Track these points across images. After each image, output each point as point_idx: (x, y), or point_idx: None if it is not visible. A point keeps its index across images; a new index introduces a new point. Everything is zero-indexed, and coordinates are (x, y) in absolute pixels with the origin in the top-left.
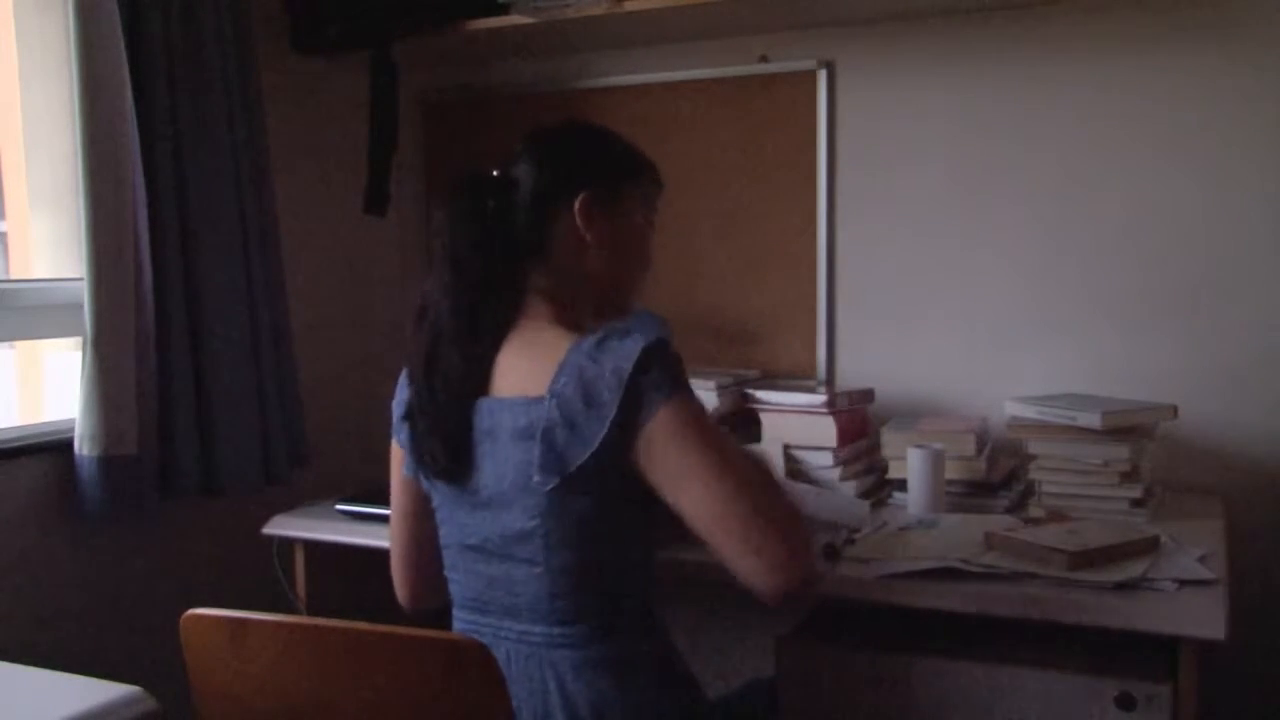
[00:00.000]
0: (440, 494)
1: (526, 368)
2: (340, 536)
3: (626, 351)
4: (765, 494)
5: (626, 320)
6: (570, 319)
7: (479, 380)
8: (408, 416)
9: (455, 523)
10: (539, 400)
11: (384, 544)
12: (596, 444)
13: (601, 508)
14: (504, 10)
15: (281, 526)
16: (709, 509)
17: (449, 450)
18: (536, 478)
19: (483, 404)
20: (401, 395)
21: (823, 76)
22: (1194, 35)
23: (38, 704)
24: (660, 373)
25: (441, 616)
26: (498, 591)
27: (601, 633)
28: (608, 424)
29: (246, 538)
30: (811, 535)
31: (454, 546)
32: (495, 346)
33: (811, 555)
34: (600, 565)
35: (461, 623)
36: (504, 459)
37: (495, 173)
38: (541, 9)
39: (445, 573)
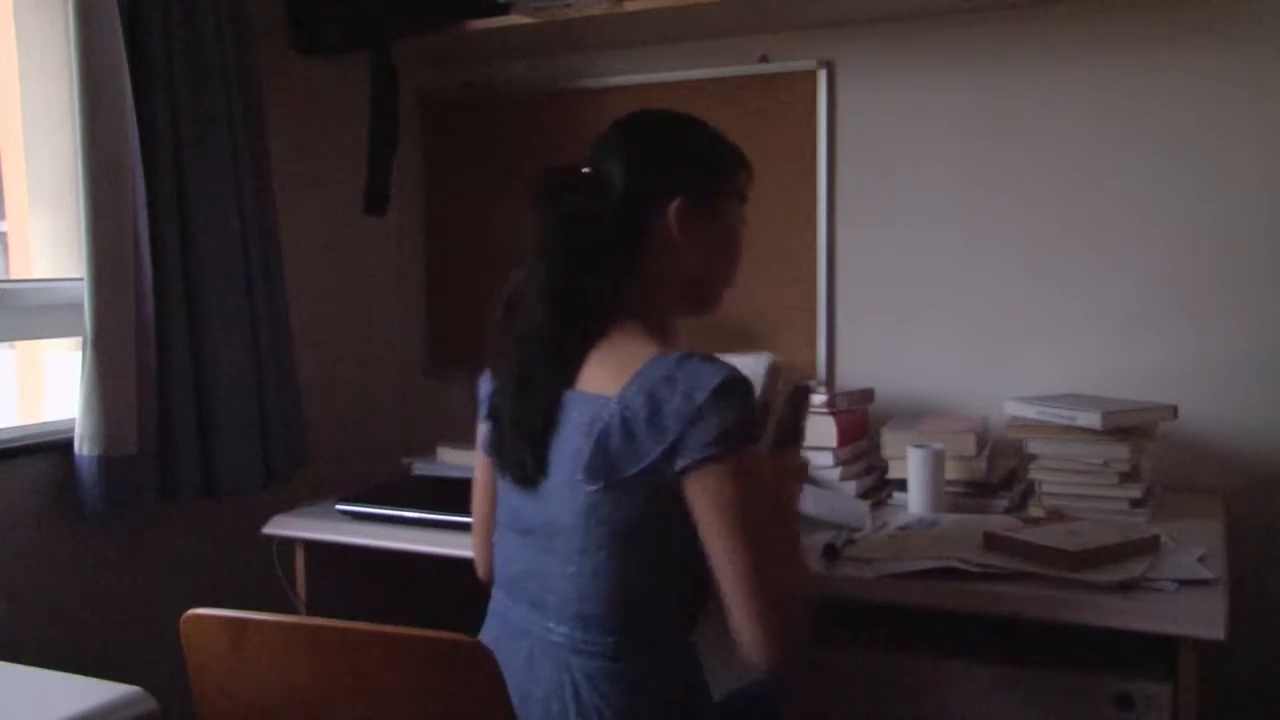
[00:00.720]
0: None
1: (610, 369)
2: (340, 536)
3: (703, 381)
4: (782, 572)
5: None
6: (658, 323)
7: (568, 383)
8: (492, 416)
9: (508, 505)
10: (607, 401)
11: (384, 544)
12: (648, 461)
13: (642, 521)
14: (504, 10)
15: (281, 526)
16: (728, 570)
17: (535, 459)
18: (580, 476)
19: (566, 396)
20: (487, 387)
21: (823, 76)
22: (1194, 35)
23: (38, 704)
24: (732, 416)
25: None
26: (532, 583)
27: (625, 649)
28: (665, 446)
29: (246, 538)
30: (805, 622)
31: (504, 526)
32: (586, 353)
33: (796, 642)
34: (632, 579)
35: (497, 602)
36: (562, 451)
37: (585, 170)
38: (541, 9)
39: (493, 553)
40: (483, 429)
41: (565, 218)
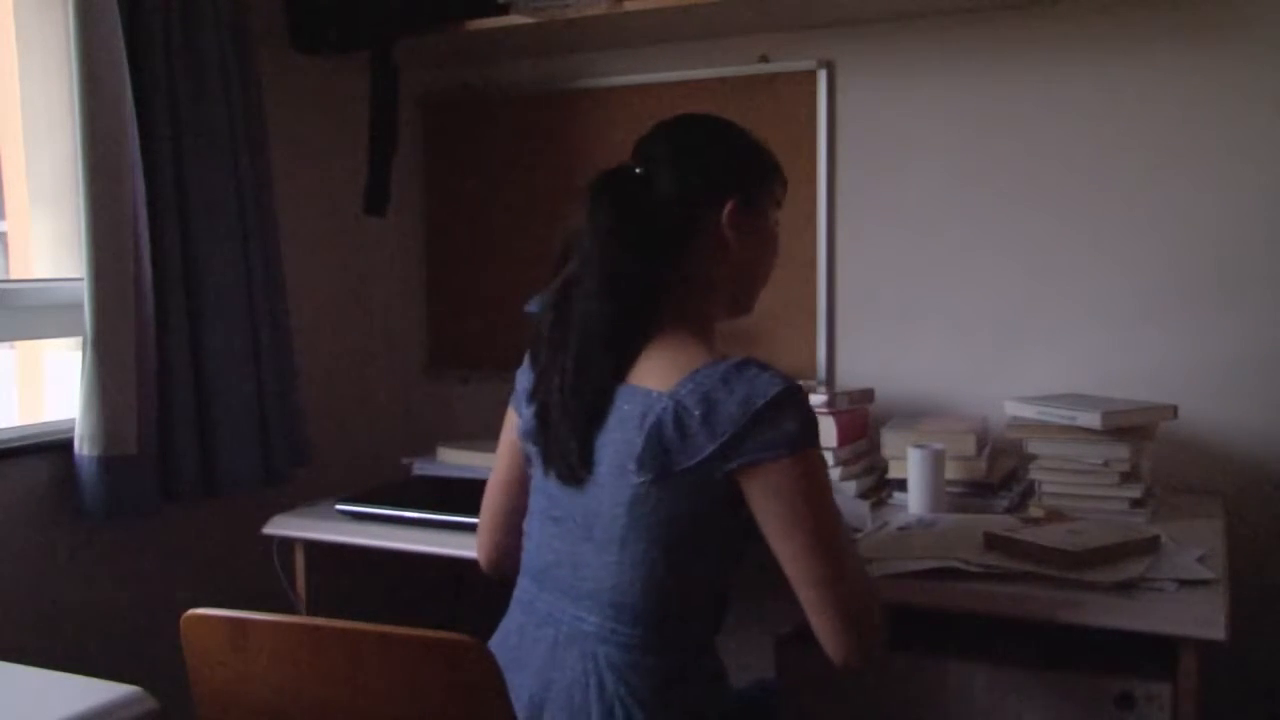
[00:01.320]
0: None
1: (663, 365)
2: (340, 536)
3: (762, 388)
4: (859, 572)
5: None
6: (704, 327)
7: (621, 377)
8: (538, 409)
9: (546, 493)
10: (660, 395)
11: (383, 544)
12: (700, 458)
13: (686, 517)
14: (504, 10)
15: (281, 526)
16: (807, 566)
17: (583, 455)
18: (631, 467)
19: (618, 389)
20: (527, 377)
21: (823, 76)
22: (1194, 35)
23: (38, 704)
24: (795, 421)
25: (507, 588)
26: (564, 570)
27: (653, 643)
28: (719, 444)
29: (246, 538)
30: (881, 617)
31: (537, 514)
32: (640, 348)
33: (878, 639)
34: (669, 574)
35: (523, 590)
36: (609, 441)
37: (638, 170)
38: (541, 9)
39: (523, 538)
40: (514, 419)
41: (622, 215)
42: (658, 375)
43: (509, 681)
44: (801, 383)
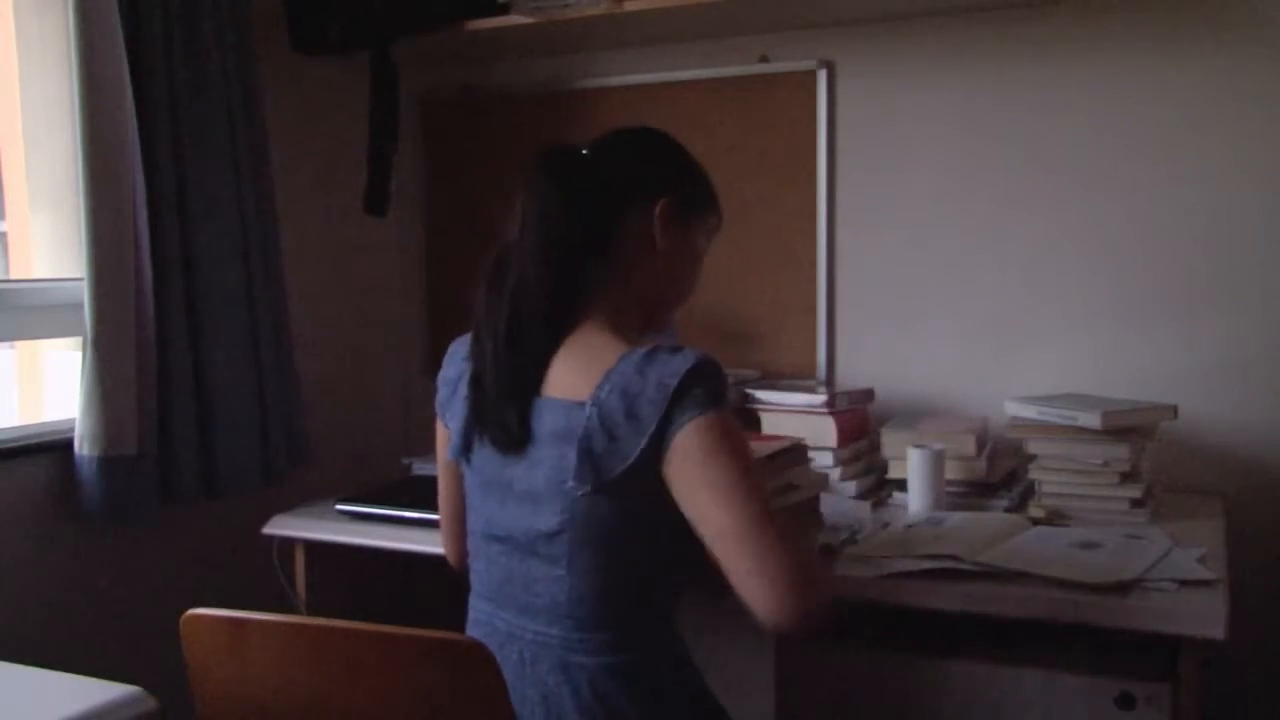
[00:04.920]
0: (474, 479)
1: (577, 371)
2: (340, 536)
3: (675, 367)
4: (784, 524)
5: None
6: (620, 322)
7: (539, 383)
8: (474, 382)
9: (483, 513)
10: (580, 405)
11: (384, 544)
12: (634, 457)
13: (631, 518)
14: (504, 10)
15: (281, 526)
16: (724, 524)
17: (520, 418)
18: (570, 483)
19: (537, 403)
20: (455, 368)
21: (823, 76)
22: (1194, 35)
23: (38, 704)
24: (702, 389)
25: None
26: (516, 588)
27: (621, 642)
28: (647, 437)
29: (246, 538)
30: (822, 577)
31: (478, 534)
32: (559, 338)
33: (818, 593)
34: (625, 574)
35: (478, 612)
36: (540, 458)
37: (585, 152)
38: (541, 9)
39: (468, 560)
40: (444, 434)
41: (563, 186)
42: (575, 383)
43: None
44: (801, 383)
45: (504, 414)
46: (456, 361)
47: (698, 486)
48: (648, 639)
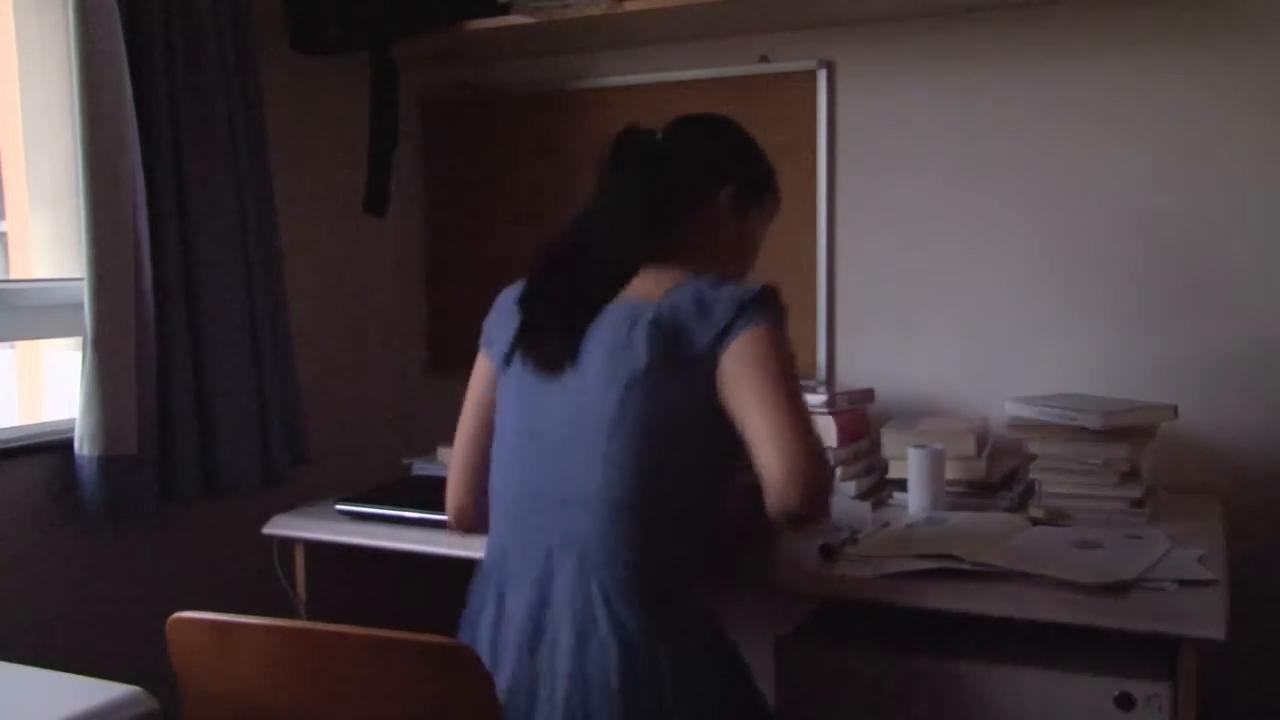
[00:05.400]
0: (514, 386)
1: (647, 285)
2: (340, 536)
3: (749, 288)
4: (816, 436)
5: None
6: (685, 268)
7: (614, 292)
8: (527, 313)
9: (522, 411)
10: (650, 303)
11: (384, 544)
12: (700, 345)
13: (677, 410)
14: (504, 10)
15: (281, 526)
16: (766, 414)
17: (568, 344)
18: (621, 363)
19: (605, 309)
20: (504, 310)
21: (823, 76)
22: (1194, 35)
23: (38, 704)
24: (769, 307)
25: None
26: (550, 482)
27: (646, 553)
28: (715, 331)
29: (246, 538)
30: (831, 481)
31: (513, 434)
32: (635, 264)
33: (829, 489)
34: (658, 468)
35: (499, 533)
36: (598, 341)
37: (659, 135)
38: (541, 9)
39: (492, 476)
40: (484, 362)
41: (639, 163)
42: (645, 290)
43: (504, 606)
44: (801, 383)
45: (551, 338)
46: (506, 304)
47: (747, 383)
48: (674, 567)
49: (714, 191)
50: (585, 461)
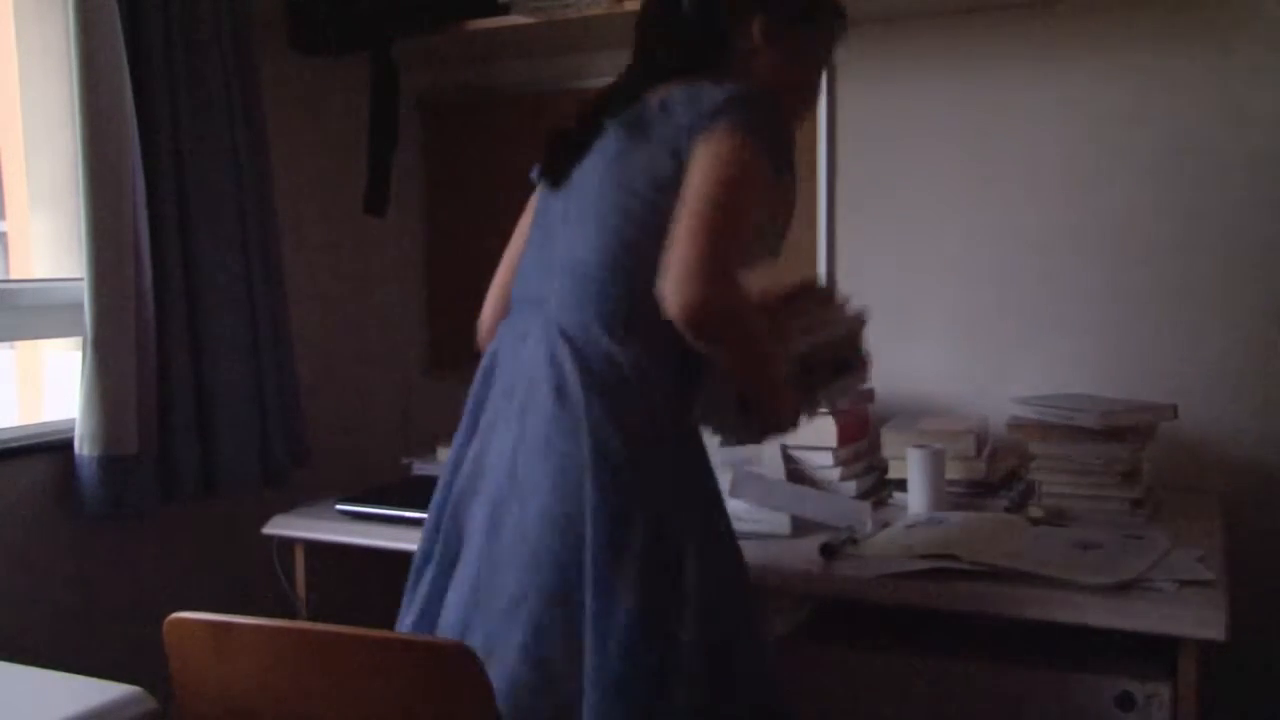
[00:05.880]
0: (539, 202)
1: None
2: (340, 536)
3: (749, 88)
4: (735, 235)
5: None
6: None
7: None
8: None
9: (534, 223)
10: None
11: (383, 544)
12: (674, 126)
13: (657, 185)
14: (504, 10)
15: (281, 526)
16: (690, 207)
17: (574, 153)
18: (611, 132)
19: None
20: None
21: (822, 76)
22: (1192, 35)
23: (38, 704)
24: (752, 111)
25: None
26: (543, 254)
27: (616, 330)
28: (694, 116)
29: (246, 538)
30: (730, 304)
31: (531, 250)
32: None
33: (721, 312)
34: (633, 245)
35: (499, 337)
36: (598, 152)
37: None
38: (541, 9)
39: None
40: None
41: (662, 14)
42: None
43: (493, 443)
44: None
45: (562, 155)
46: None
47: (694, 176)
48: (650, 358)
49: (743, 23)
50: (570, 233)
